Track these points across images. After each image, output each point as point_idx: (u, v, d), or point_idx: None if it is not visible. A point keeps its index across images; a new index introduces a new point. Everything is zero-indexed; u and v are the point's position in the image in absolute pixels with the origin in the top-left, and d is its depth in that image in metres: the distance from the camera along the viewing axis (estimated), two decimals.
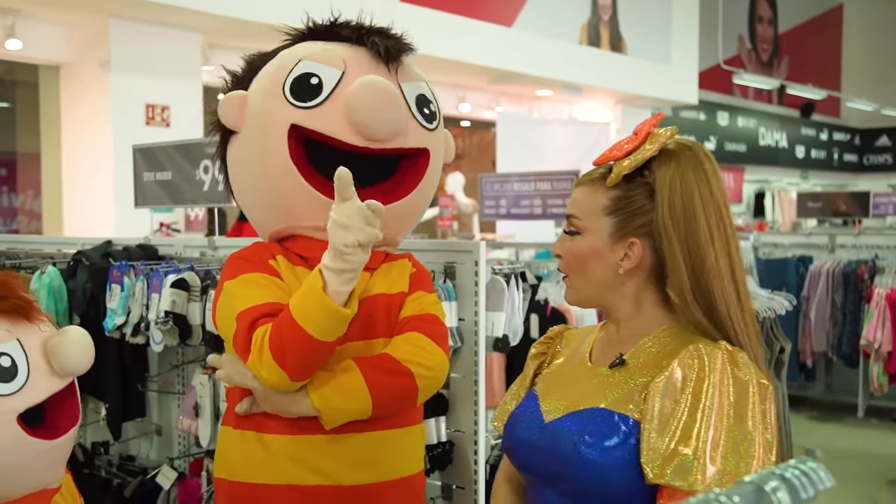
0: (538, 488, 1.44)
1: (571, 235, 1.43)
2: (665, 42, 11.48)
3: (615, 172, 1.38)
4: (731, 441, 1.22)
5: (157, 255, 3.34)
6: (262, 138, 1.83)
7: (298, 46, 1.90)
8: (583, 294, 1.45)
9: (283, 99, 1.79)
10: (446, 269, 2.56)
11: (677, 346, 1.33)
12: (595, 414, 1.34)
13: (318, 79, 1.78)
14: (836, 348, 6.59)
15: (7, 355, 1.38)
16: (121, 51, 6.83)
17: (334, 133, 1.76)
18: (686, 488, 1.21)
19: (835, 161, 18.69)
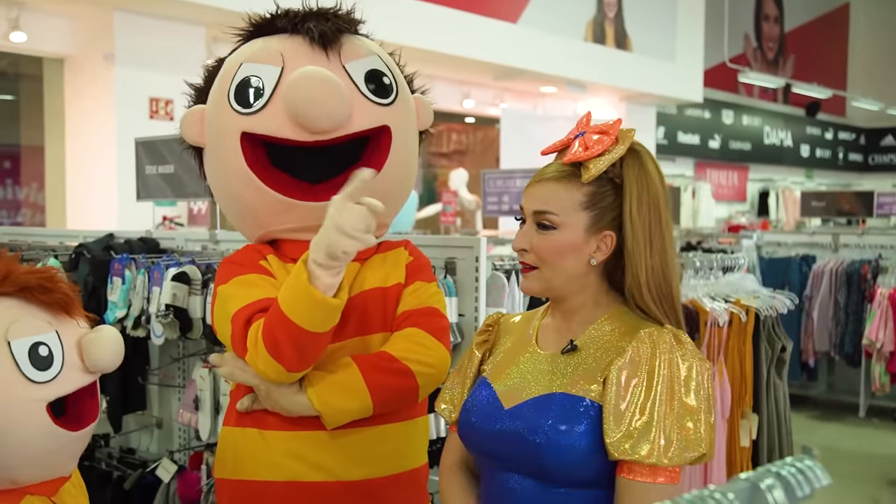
0: (497, 473, 1.49)
1: (544, 230, 1.48)
2: (670, 40, 11.45)
3: (594, 170, 1.44)
4: (680, 415, 1.36)
5: (158, 249, 3.34)
6: (219, 149, 1.81)
7: (242, 49, 1.86)
8: (551, 285, 1.51)
9: (228, 107, 1.77)
10: (447, 265, 2.56)
11: (628, 330, 1.45)
12: (556, 399, 1.43)
13: (258, 80, 1.75)
14: (838, 348, 6.58)
15: (45, 345, 1.44)
16: (125, 44, 6.83)
17: (282, 133, 1.72)
18: (646, 461, 1.33)
19: (840, 160, 18.64)
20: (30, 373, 1.41)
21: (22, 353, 1.41)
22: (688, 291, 3.76)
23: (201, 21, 7.14)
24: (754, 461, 3.79)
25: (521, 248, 1.52)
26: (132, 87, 6.91)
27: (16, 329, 1.42)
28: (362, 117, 1.76)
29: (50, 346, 1.44)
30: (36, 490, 1.49)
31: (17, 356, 1.41)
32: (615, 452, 1.35)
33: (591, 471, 1.39)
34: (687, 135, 14.06)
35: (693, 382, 1.38)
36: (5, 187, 9.44)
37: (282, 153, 1.77)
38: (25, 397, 1.41)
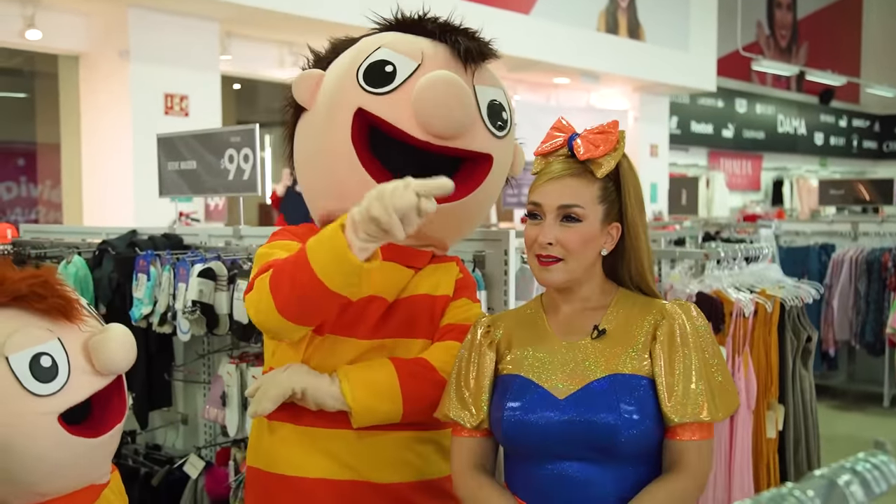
0: (550, 463, 1.55)
1: (570, 223, 1.58)
2: (683, 29, 11.39)
3: (606, 166, 1.58)
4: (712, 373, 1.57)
5: (181, 245, 3.34)
6: (328, 117, 1.82)
7: (382, 34, 1.90)
8: (574, 275, 1.60)
9: (355, 81, 1.78)
10: (475, 258, 2.55)
11: (643, 308, 1.63)
12: (615, 380, 1.54)
13: (392, 67, 1.77)
14: (859, 337, 6.54)
15: (48, 355, 1.36)
16: (140, 40, 6.84)
17: (398, 122, 1.74)
18: (704, 420, 1.51)
19: (854, 148, 18.53)
20: (32, 386, 1.33)
21: (22, 367, 1.33)
22: (712, 282, 3.74)
23: (215, 17, 7.14)
24: (780, 452, 3.77)
25: (547, 242, 1.58)
26: (147, 84, 6.92)
27: (13, 342, 1.34)
28: (475, 139, 1.80)
29: (53, 355, 1.36)
30: (71, 501, 1.44)
31: (17, 371, 1.33)
32: (675, 417, 1.51)
33: (653, 442, 1.54)
34: (700, 124, 14.00)
35: (711, 343, 1.59)
36: (19, 185, 9.47)
37: (383, 142, 1.79)
38: (32, 412, 1.33)
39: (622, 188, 1.62)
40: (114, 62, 6.94)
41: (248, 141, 3.34)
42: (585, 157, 1.58)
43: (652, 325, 1.60)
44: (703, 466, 1.54)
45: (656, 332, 1.58)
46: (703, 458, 1.53)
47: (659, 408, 1.53)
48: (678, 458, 1.53)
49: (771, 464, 3.70)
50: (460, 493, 1.65)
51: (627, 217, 1.62)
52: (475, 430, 1.65)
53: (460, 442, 1.67)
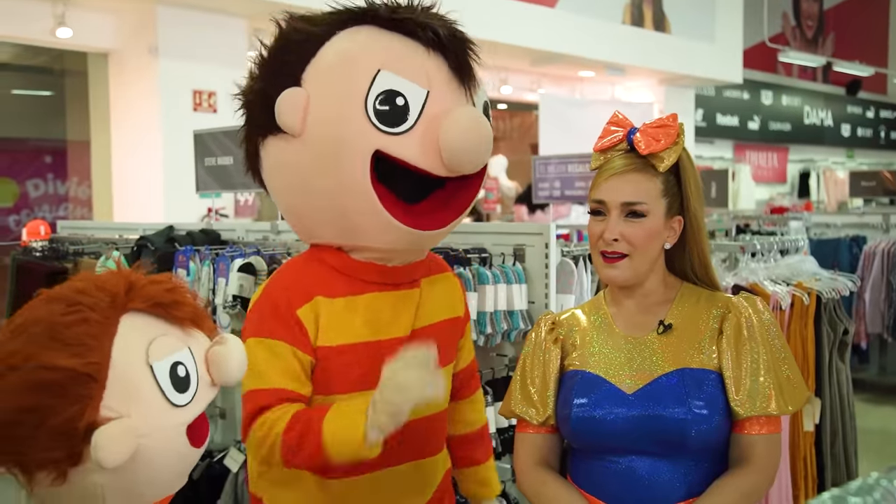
0: (619, 459, 1.55)
1: (635, 218, 1.57)
2: (709, 20, 11.30)
3: (668, 160, 1.58)
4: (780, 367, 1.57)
5: (219, 240, 3.37)
6: (334, 155, 1.62)
7: (366, 40, 1.65)
8: (640, 270, 1.60)
9: (364, 118, 1.59)
10: (516, 252, 2.55)
11: (708, 302, 1.63)
12: (684, 374, 1.54)
13: (403, 99, 1.60)
14: (891, 330, 6.48)
15: (182, 364, 1.30)
16: (168, 37, 6.88)
17: (419, 163, 1.60)
18: (773, 413, 1.52)
19: (881, 139, 18.32)
20: (173, 397, 1.27)
21: (164, 376, 1.26)
22: (748, 275, 3.72)
23: (243, 13, 7.17)
24: (817, 446, 3.75)
25: (612, 238, 1.59)
26: (176, 80, 6.96)
27: (155, 350, 1.27)
28: None
29: (186, 364, 1.31)
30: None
31: (161, 380, 1.26)
32: (743, 411, 1.52)
33: (722, 437, 1.54)
34: (726, 116, 13.90)
35: (777, 336, 1.59)
36: (46, 182, 9.57)
37: (394, 169, 1.65)
38: (171, 424, 1.26)
39: (683, 181, 1.62)
40: (143, 59, 6.99)
41: None
42: (647, 151, 1.58)
43: (718, 319, 1.60)
44: (772, 460, 1.54)
45: (723, 325, 1.58)
46: (771, 452, 1.54)
47: (727, 402, 1.53)
48: (746, 452, 1.53)
49: (808, 457, 3.68)
50: (524, 489, 1.65)
51: (690, 210, 1.62)
52: (541, 427, 1.65)
53: (525, 438, 1.67)
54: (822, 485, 3.69)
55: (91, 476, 1.23)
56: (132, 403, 1.22)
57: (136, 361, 1.24)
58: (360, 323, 1.67)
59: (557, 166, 4.59)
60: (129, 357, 1.23)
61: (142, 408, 1.23)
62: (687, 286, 1.67)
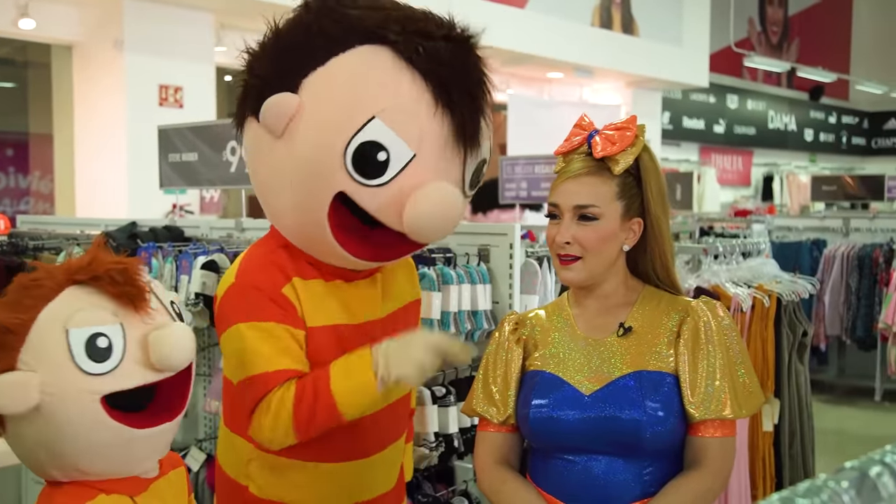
0: (578, 459, 1.57)
1: (587, 221, 1.58)
2: (676, 24, 11.41)
3: (623, 163, 1.58)
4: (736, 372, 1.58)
5: (183, 237, 3.34)
6: (306, 175, 1.60)
7: (377, 73, 1.57)
8: (594, 272, 1.61)
9: (341, 160, 1.55)
10: (480, 252, 2.56)
11: (668, 305, 1.64)
12: (640, 377, 1.55)
13: (386, 155, 1.54)
14: (850, 332, 6.59)
15: (105, 337, 1.40)
16: (134, 31, 6.81)
17: (380, 217, 1.59)
18: (728, 417, 1.53)
19: (843, 144, 18.61)
20: (83, 363, 1.38)
21: (78, 343, 1.39)
22: (710, 277, 3.76)
23: (210, 8, 7.11)
24: (776, 446, 3.80)
25: (564, 241, 1.59)
26: (141, 75, 6.88)
27: (76, 318, 1.39)
28: None
29: (111, 338, 1.41)
30: (112, 488, 1.46)
31: (73, 345, 1.39)
32: (698, 414, 1.53)
33: (678, 438, 1.56)
34: (692, 120, 14.04)
35: (736, 342, 1.60)
36: (8, 175, 9.43)
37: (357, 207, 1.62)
38: (76, 387, 1.39)
39: (643, 183, 1.62)
40: (108, 52, 6.90)
41: None
42: (601, 154, 1.59)
43: (677, 323, 1.61)
44: (726, 463, 1.55)
45: (681, 329, 1.59)
46: (725, 455, 1.55)
47: (683, 405, 1.54)
48: (701, 454, 1.55)
49: (767, 457, 3.73)
50: (484, 487, 1.66)
51: (650, 212, 1.62)
52: (501, 426, 1.66)
53: (486, 437, 1.68)
54: (780, 484, 3.74)
55: (17, 426, 1.41)
56: (41, 361, 1.38)
57: (54, 324, 1.39)
58: (335, 306, 1.70)
59: (524, 167, 4.61)
60: (50, 320, 1.40)
61: (48, 367, 1.38)
62: (649, 289, 1.67)
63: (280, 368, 1.61)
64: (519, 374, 1.67)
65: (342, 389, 1.54)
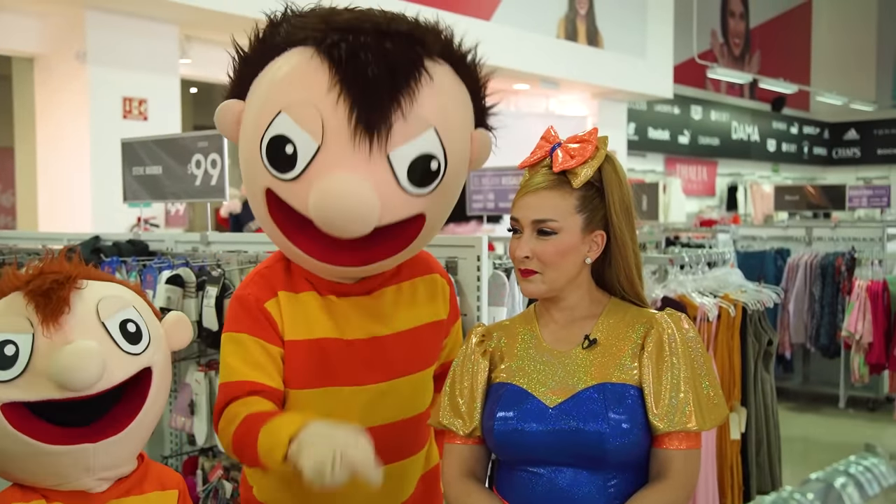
0: (544, 472, 1.56)
1: (545, 236, 1.58)
2: (641, 36, 11.53)
3: (583, 176, 1.57)
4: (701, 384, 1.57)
5: (147, 251, 3.30)
6: (247, 182, 1.71)
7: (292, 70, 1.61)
8: (554, 286, 1.61)
9: (259, 156, 1.61)
10: (448, 264, 2.56)
11: (633, 317, 1.63)
12: (604, 389, 1.55)
13: (292, 148, 1.57)
14: (814, 340, 6.68)
15: (13, 344, 1.40)
16: (97, 43, 6.74)
17: (306, 214, 1.60)
18: (692, 429, 1.52)
19: (805, 154, 18.90)
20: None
21: None
22: (676, 287, 3.79)
23: (174, 20, 7.06)
24: (743, 454, 3.83)
25: (523, 256, 1.59)
26: (105, 87, 6.81)
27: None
28: (395, 211, 1.63)
29: (19, 346, 1.40)
30: (55, 497, 1.46)
31: None
32: (662, 426, 1.52)
33: (643, 451, 1.55)
34: (657, 130, 14.17)
35: (701, 354, 1.59)
36: None
37: None
38: None
39: (606, 195, 1.60)
40: (70, 64, 6.82)
41: (215, 146, 3.31)
42: (559, 168, 1.58)
43: (641, 335, 1.60)
44: (690, 475, 1.55)
45: (645, 341, 1.58)
46: (689, 467, 1.54)
47: (647, 417, 1.54)
48: (665, 466, 1.54)
49: (734, 466, 3.76)
50: (450, 500, 1.65)
51: (613, 224, 1.61)
52: (467, 438, 1.66)
53: (452, 449, 1.67)
54: (747, 493, 3.77)
55: None
56: None
57: None
58: (324, 320, 1.72)
59: (492, 178, 4.62)
60: None
61: None
62: (614, 301, 1.67)
63: (244, 380, 1.63)
64: (485, 387, 1.66)
65: (263, 443, 1.50)
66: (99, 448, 1.46)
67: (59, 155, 7.03)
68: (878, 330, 5.46)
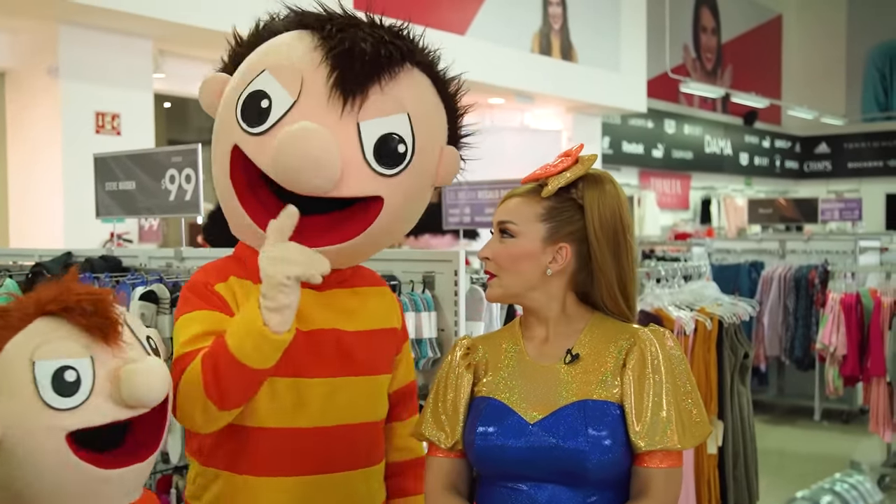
0: (523, 488, 1.56)
1: (506, 238, 1.61)
2: (614, 50, 11.62)
3: (552, 185, 1.59)
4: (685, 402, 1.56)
5: (120, 267, 3.26)
6: (215, 145, 1.72)
7: (276, 43, 1.70)
8: (509, 291, 1.62)
9: (233, 111, 1.66)
10: (425, 279, 2.55)
11: (616, 333, 1.62)
12: (585, 405, 1.54)
13: (268, 102, 1.62)
14: (788, 352, 6.73)
15: (74, 370, 1.34)
16: (70, 57, 6.68)
17: (267, 170, 1.61)
18: (672, 448, 1.51)
19: (777, 168, 19.10)
20: (48, 397, 1.31)
21: (44, 376, 1.32)
22: (653, 300, 3.80)
23: (148, 34, 7.01)
24: (720, 468, 3.84)
25: (484, 257, 1.64)
26: (77, 102, 6.75)
27: (44, 349, 1.33)
28: (355, 183, 1.63)
29: (79, 372, 1.34)
30: None
31: (39, 378, 1.32)
32: (643, 444, 1.50)
33: (622, 467, 1.54)
34: (631, 144, 14.26)
35: (684, 372, 1.59)
36: None
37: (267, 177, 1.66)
38: (42, 423, 1.32)
39: (586, 212, 1.60)
40: (42, 79, 6.75)
41: (189, 161, 3.28)
42: (527, 179, 1.63)
43: (623, 351, 1.58)
44: (671, 494, 1.53)
45: (627, 358, 1.57)
46: (670, 486, 1.53)
47: (628, 434, 1.53)
48: (646, 485, 1.53)
49: (712, 480, 3.76)
50: None
51: (590, 242, 1.60)
52: (450, 451, 1.65)
53: (435, 462, 1.67)
54: None
55: None
56: (4, 393, 1.31)
57: (20, 355, 1.33)
58: None
59: (468, 193, 4.62)
60: (16, 350, 1.33)
61: (12, 400, 1.31)
62: (598, 316, 1.65)
63: (194, 349, 1.59)
64: (468, 400, 1.65)
65: (232, 332, 1.52)
66: (145, 467, 1.43)
67: (31, 170, 6.95)
68: (852, 342, 5.51)
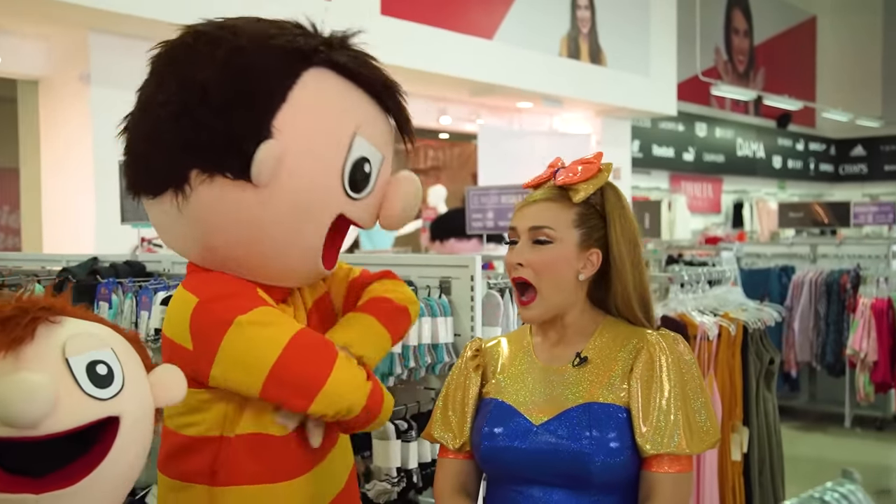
0: (528, 490, 1.56)
1: (540, 245, 1.59)
2: (644, 54, 11.54)
3: (584, 192, 1.60)
4: (693, 407, 1.55)
5: (144, 272, 3.30)
6: (302, 213, 1.61)
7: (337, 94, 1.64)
8: (550, 305, 1.61)
9: (340, 184, 1.63)
10: (441, 285, 2.55)
11: (626, 337, 1.62)
12: (590, 408, 1.54)
13: (369, 166, 1.67)
14: (819, 358, 6.64)
15: None
16: (100, 64, 6.77)
17: (366, 225, 1.76)
18: (679, 452, 1.50)
19: (811, 171, 18.85)
20: None
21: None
22: (676, 305, 3.78)
23: None
24: (746, 474, 3.80)
25: (517, 263, 1.61)
26: (108, 108, 6.81)
27: None
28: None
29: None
30: None
31: None
32: (649, 447, 1.50)
33: (629, 472, 1.53)
34: (661, 148, 14.16)
35: (694, 377, 1.58)
36: None
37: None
38: None
39: (608, 219, 1.63)
40: (74, 86, 6.86)
41: None
42: (561, 182, 1.61)
43: (631, 355, 1.59)
44: (680, 499, 1.52)
45: (635, 362, 1.57)
46: (678, 491, 1.52)
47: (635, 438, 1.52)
48: (653, 490, 1.52)
49: (736, 486, 3.72)
50: None
51: (612, 249, 1.62)
52: (458, 452, 1.67)
53: (444, 463, 1.68)
54: None
55: None
56: None
57: None
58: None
59: (493, 197, 4.61)
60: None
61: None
62: (609, 320, 1.66)
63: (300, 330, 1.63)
64: (476, 401, 1.67)
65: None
66: (42, 500, 1.25)
67: (63, 176, 7.05)
68: (884, 348, 5.42)
